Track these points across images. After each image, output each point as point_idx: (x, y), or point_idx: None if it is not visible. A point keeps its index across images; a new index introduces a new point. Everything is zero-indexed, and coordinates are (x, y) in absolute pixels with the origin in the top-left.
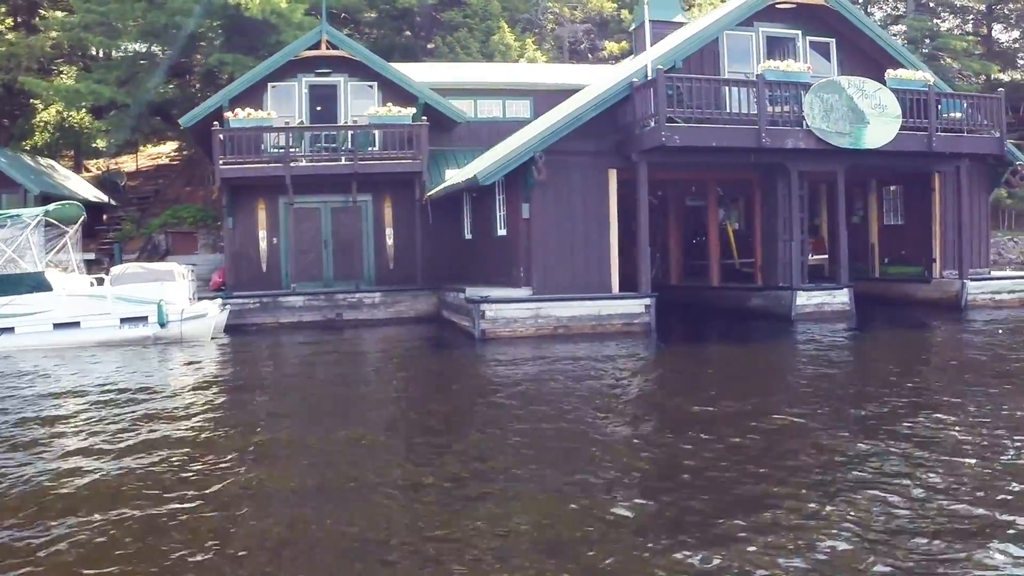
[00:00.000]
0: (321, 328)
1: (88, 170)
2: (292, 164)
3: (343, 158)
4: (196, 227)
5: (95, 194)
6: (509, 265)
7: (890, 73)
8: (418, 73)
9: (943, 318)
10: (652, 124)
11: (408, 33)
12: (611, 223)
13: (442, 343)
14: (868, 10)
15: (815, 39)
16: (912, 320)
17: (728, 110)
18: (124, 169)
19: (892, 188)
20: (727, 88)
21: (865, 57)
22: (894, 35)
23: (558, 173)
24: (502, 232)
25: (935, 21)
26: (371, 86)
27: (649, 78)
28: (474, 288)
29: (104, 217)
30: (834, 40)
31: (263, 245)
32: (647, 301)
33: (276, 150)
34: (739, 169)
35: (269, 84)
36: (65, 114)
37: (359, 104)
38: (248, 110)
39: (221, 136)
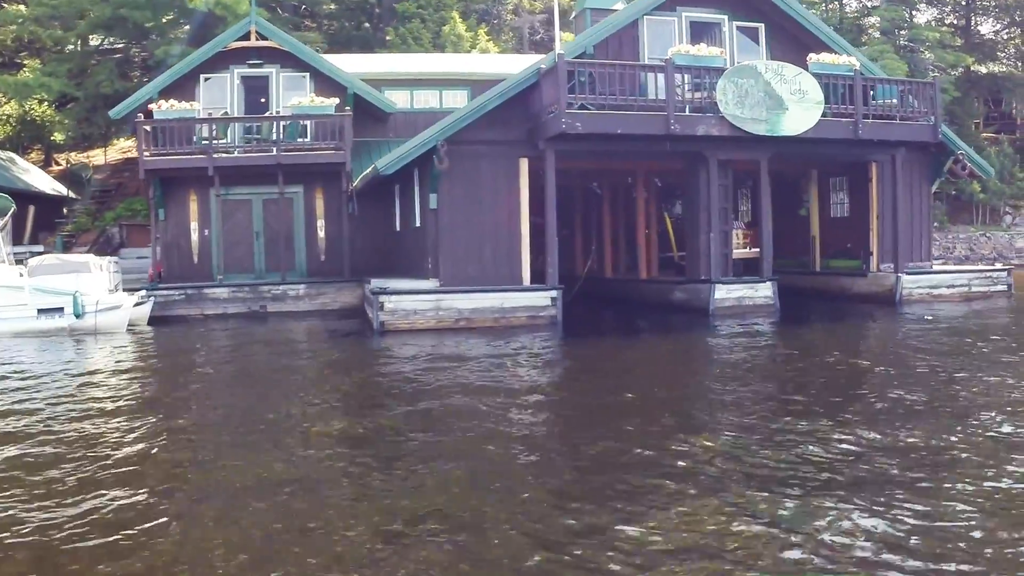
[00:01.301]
0: (244, 320)
1: (58, 163)
2: (215, 155)
3: (273, 149)
4: (150, 220)
5: (53, 187)
6: (422, 257)
7: (812, 57)
8: (354, 64)
9: (873, 313)
10: (555, 111)
11: (367, 25)
12: (522, 214)
13: (346, 335)
14: (842, 1)
15: (743, 24)
16: (838, 315)
17: (648, 97)
18: (93, 163)
19: (839, 179)
20: (646, 74)
21: (796, 42)
22: (870, 27)
23: (467, 163)
24: (418, 223)
25: (910, 12)
26: (303, 77)
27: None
28: (382, 280)
29: (64, 210)
30: (763, 25)
31: (195, 237)
32: (553, 294)
33: (205, 142)
34: (662, 158)
35: (202, 76)
36: (27, 107)
37: (292, 95)
38: (172, 101)
39: (147, 128)
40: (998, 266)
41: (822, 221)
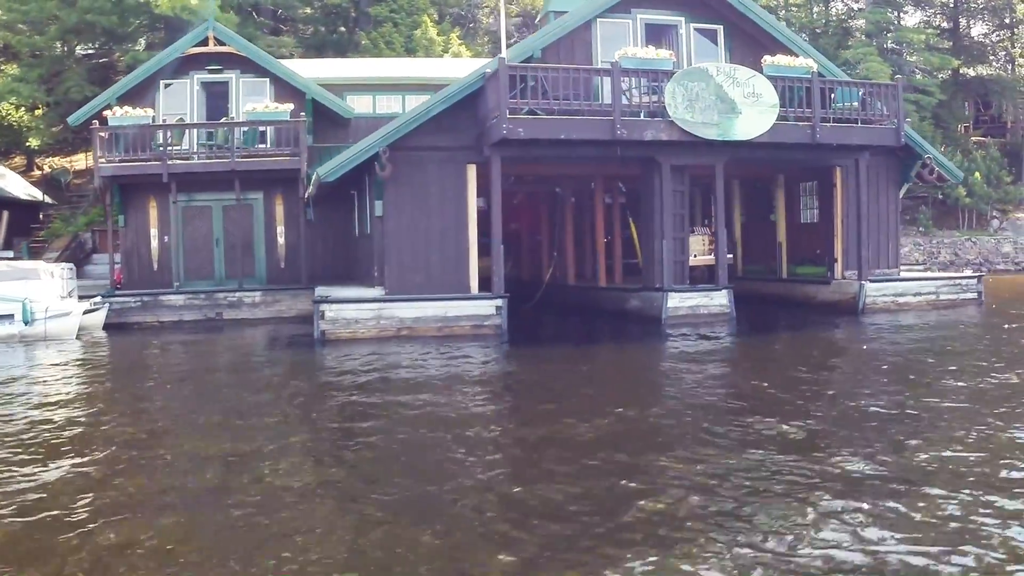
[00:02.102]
0: (199, 327)
1: (40, 168)
2: (170, 162)
3: (235, 156)
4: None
5: (29, 192)
6: (372, 264)
7: (767, 59)
8: (317, 69)
9: (835, 323)
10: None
11: (343, 29)
12: (469, 221)
13: (290, 344)
14: (828, 4)
15: (701, 26)
16: (795, 325)
17: (601, 101)
18: (75, 167)
19: (809, 184)
20: (599, 78)
21: (755, 43)
22: (857, 30)
23: (414, 169)
24: (368, 230)
25: (898, 15)
26: (263, 82)
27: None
28: (327, 288)
29: (40, 215)
30: (722, 27)
31: (154, 243)
32: (498, 302)
33: (161, 148)
34: (615, 163)
35: (161, 82)
36: (3, 112)
37: (252, 101)
38: (126, 108)
39: (103, 134)
40: (968, 273)
41: (791, 227)
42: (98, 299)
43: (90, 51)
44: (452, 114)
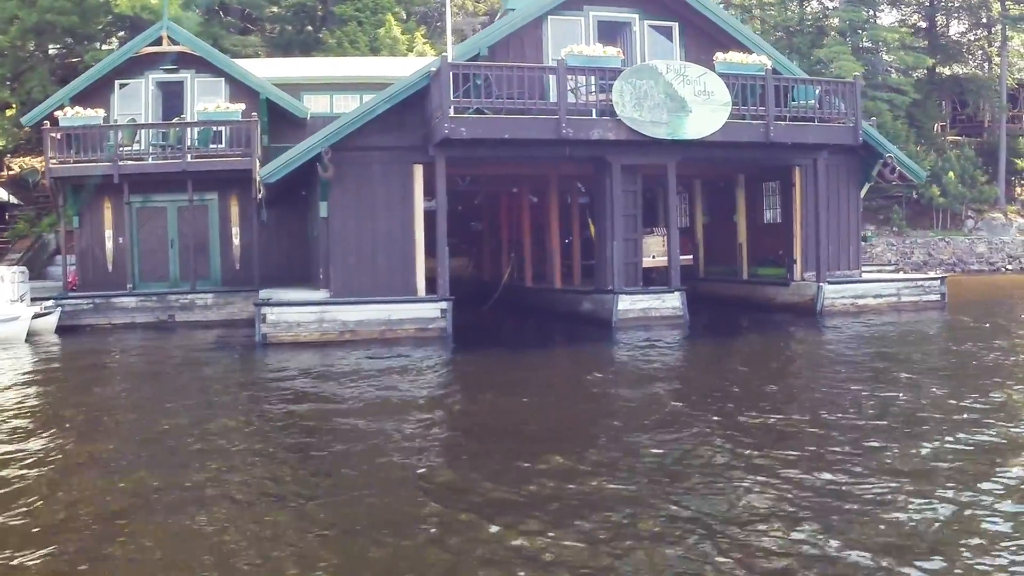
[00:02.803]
0: (151, 329)
1: (11, 169)
2: (121, 163)
3: (190, 156)
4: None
5: None
6: (318, 266)
7: (719, 57)
8: (274, 69)
9: (789, 326)
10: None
11: (310, 28)
12: (416, 222)
13: (230, 348)
14: (803, 4)
15: (656, 23)
16: (750, 327)
17: (550, 100)
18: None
19: (772, 184)
20: (548, 77)
21: (711, 40)
22: (833, 29)
23: (360, 169)
24: (316, 232)
25: (874, 13)
26: (218, 82)
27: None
28: (272, 291)
29: (6, 216)
30: (677, 24)
31: (109, 245)
32: (443, 305)
33: (114, 148)
34: (564, 163)
35: (117, 82)
36: None
37: (207, 100)
38: (77, 108)
39: (55, 135)
40: (931, 274)
41: (754, 227)
42: (50, 303)
43: (60, 51)
44: (399, 113)
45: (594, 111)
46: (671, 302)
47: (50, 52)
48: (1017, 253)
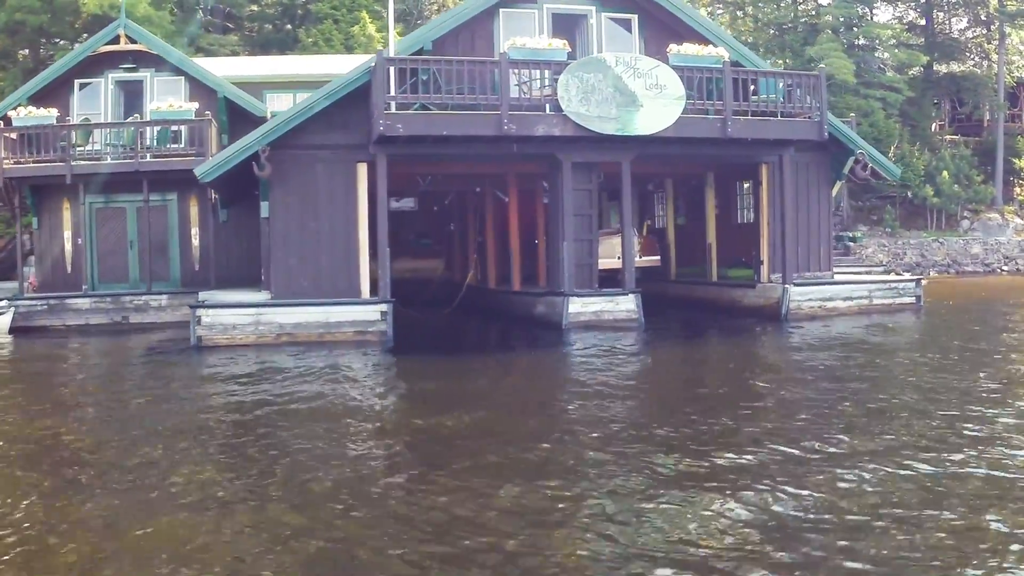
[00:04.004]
0: (103, 331)
1: None
2: (75, 163)
3: (141, 156)
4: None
5: None
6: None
7: (672, 48)
8: (236, 68)
9: (750, 330)
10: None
11: (289, 27)
12: (360, 222)
13: (164, 351)
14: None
15: (613, 15)
16: (710, 331)
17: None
18: None
19: (746, 183)
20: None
21: (671, 33)
22: (826, 26)
23: (302, 168)
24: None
25: (870, 10)
26: (178, 81)
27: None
28: (213, 292)
29: None
30: (636, 16)
31: (68, 246)
32: (383, 307)
33: (78, 149)
34: (527, 161)
35: (77, 81)
36: None
37: (167, 99)
38: (30, 108)
39: (9, 135)
40: (906, 276)
41: (726, 227)
42: (3, 303)
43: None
44: (343, 110)
45: (548, 106)
46: (625, 305)
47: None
48: (1013, 254)
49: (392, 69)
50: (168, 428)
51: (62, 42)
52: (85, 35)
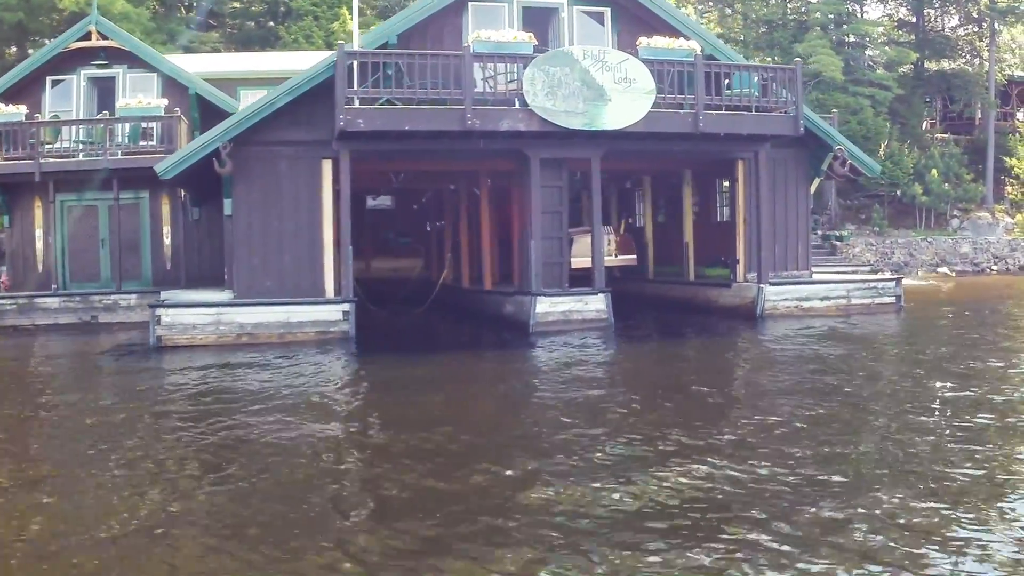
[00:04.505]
0: (72, 331)
1: None
2: (44, 160)
3: (109, 154)
4: None
5: None
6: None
7: (642, 41)
8: (211, 65)
9: (724, 331)
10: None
11: (272, 24)
12: (324, 221)
13: (124, 353)
14: None
15: (586, 8)
16: (682, 332)
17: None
18: None
19: (725, 180)
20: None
21: (644, 26)
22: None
23: (265, 165)
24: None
25: (856, 7)
26: (151, 77)
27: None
28: (177, 292)
29: None
30: (609, 9)
31: (39, 245)
32: (345, 307)
33: (48, 146)
34: (499, 158)
35: (49, 78)
36: None
37: (140, 96)
38: (0, 105)
39: None
40: (886, 275)
41: (705, 226)
42: None
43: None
44: (307, 106)
45: (517, 101)
46: (595, 305)
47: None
48: (1003, 254)
49: (355, 63)
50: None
51: (40, 39)
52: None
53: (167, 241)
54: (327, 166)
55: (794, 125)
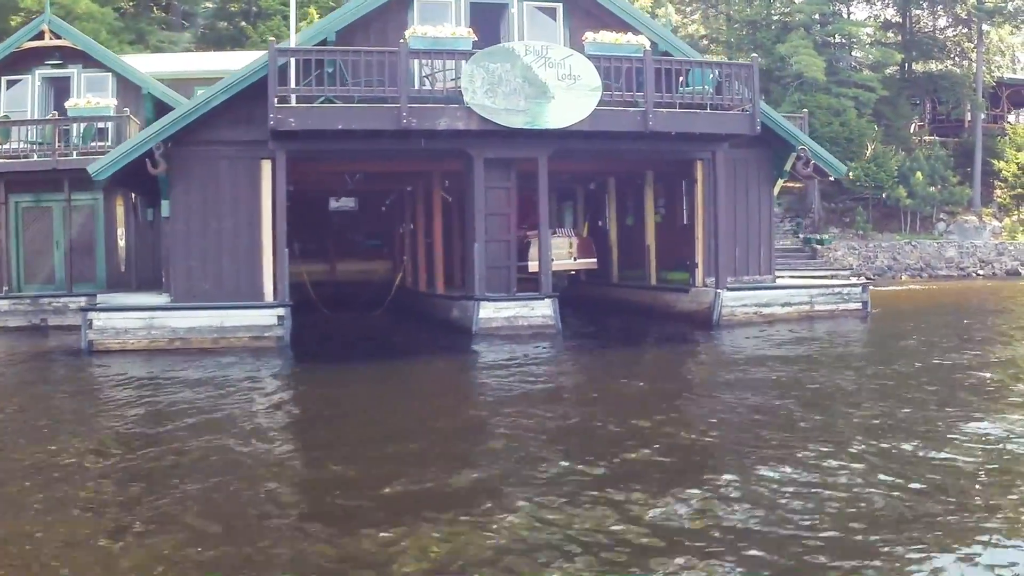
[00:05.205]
0: (18, 334)
1: None
2: None
3: (75, 154)
4: None
5: None
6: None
7: (588, 36)
8: (168, 64)
9: (673, 339)
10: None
11: (244, 24)
12: (263, 222)
13: (51, 358)
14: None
15: (538, 3)
16: (631, 340)
17: (413, 87)
18: None
19: (689, 182)
20: (414, 62)
21: (596, 21)
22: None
23: (204, 165)
24: None
25: (840, 7)
26: (106, 77)
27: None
28: (112, 295)
29: None
30: (560, 4)
31: None
32: (280, 312)
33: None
34: (441, 158)
35: (4, 78)
36: None
37: (94, 96)
38: None
39: None
40: (853, 280)
41: (669, 228)
42: None
43: None
44: (247, 105)
45: (463, 99)
46: (541, 310)
47: None
48: (990, 258)
49: (294, 61)
50: None
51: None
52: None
53: (121, 243)
54: (267, 166)
55: (750, 124)
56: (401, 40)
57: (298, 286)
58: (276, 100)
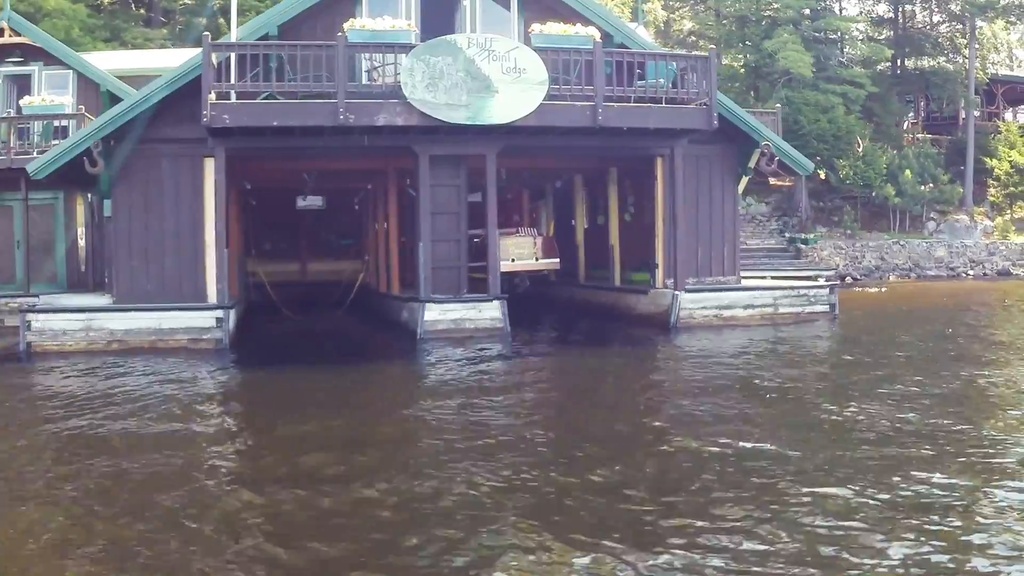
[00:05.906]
0: None
1: None
2: None
3: (35, 152)
4: None
5: None
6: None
7: (534, 28)
8: (130, 61)
9: (631, 344)
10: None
11: (222, 21)
12: (206, 222)
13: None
14: None
15: None
16: (582, 344)
17: (363, 82)
18: None
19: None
20: (359, 57)
21: (551, 12)
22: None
23: (147, 163)
24: None
25: (832, 3)
26: (67, 74)
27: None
28: (56, 296)
29: None
30: None
31: None
32: (219, 314)
33: None
34: (384, 155)
35: None
36: None
37: (55, 94)
38: None
39: None
40: (820, 282)
41: (636, 227)
42: None
43: None
44: (191, 101)
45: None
46: (489, 312)
47: None
48: (980, 258)
49: (235, 56)
50: None
51: None
52: None
53: (81, 243)
54: (210, 164)
55: (707, 118)
56: (339, 33)
57: (261, 286)
58: (214, 96)
